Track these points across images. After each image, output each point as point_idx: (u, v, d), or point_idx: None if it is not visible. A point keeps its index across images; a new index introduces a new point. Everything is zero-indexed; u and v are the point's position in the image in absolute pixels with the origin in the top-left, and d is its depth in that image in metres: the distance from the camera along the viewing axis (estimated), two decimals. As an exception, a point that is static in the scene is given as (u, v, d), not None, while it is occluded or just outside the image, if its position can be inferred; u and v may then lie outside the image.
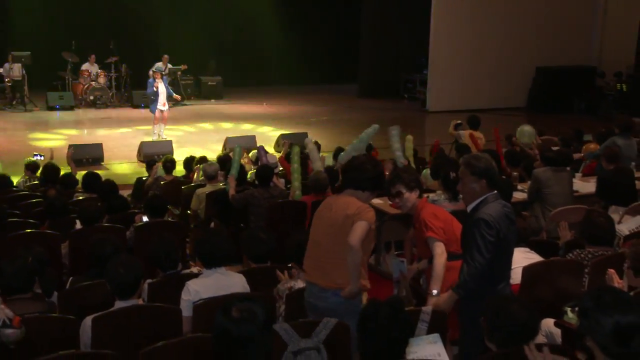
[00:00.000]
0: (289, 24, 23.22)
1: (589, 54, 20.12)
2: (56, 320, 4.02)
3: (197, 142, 14.40)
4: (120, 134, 15.26)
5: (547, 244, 5.75)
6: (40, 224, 6.53)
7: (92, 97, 18.06)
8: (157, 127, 14.39)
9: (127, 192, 9.22)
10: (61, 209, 6.73)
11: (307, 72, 23.53)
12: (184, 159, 10.55)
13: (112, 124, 16.30)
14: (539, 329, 3.33)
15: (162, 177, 9.09)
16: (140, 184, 9.13)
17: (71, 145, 12.44)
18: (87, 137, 14.88)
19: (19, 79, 17.33)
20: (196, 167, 9.56)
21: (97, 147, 12.83)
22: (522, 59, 19.15)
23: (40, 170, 9.13)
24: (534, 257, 4.95)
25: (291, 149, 8.57)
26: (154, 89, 14.19)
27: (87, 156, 12.42)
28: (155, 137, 14.24)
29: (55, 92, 18.20)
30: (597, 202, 7.15)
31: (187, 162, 10.32)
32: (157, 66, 17.33)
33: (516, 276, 4.61)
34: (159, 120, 14.37)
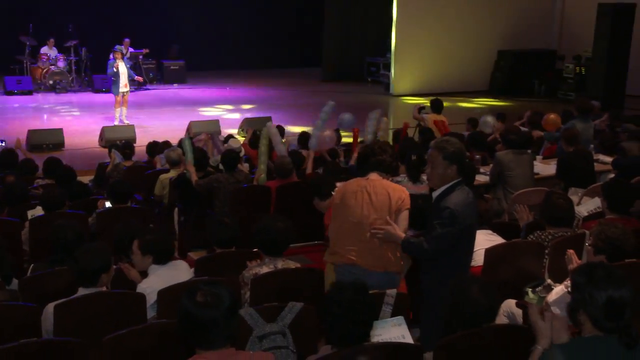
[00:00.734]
0: (252, 7, 23.03)
1: (549, 37, 20.38)
2: (17, 308, 3.96)
3: (160, 126, 14.23)
4: (81, 118, 15.01)
5: (509, 226, 5.83)
6: (-1, 211, 6.42)
7: (51, 82, 17.73)
8: (119, 111, 14.18)
9: (88, 178, 9.11)
10: (20, 195, 6.62)
11: (271, 56, 23.41)
12: (146, 145, 10.43)
13: (73, 109, 16.01)
14: (497, 310, 3.39)
15: (122, 163, 8.98)
16: (102, 170, 9.01)
17: (30, 130, 12.23)
18: (47, 122, 14.62)
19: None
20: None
21: (58, 133, 12.62)
22: (485, 43, 19.30)
23: (-2, 156, 8.95)
24: (496, 239, 5.02)
25: (259, 133, 8.54)
26: (114, 69, 13.93)
27: (47, 142, 12.21)
28: (117, 122, 14.04)
29: (13, 76, 17.82)
30: (557, 184, 7.28)
31: (150, 148, 10.21)
32: (118, 47, 17.04)
33: (479, 258, 4.67)
34: (120, 103, 14.16)
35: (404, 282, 4.56)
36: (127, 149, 9.28)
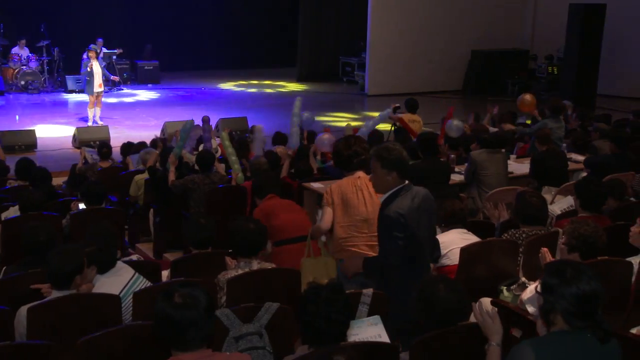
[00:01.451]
0: (227, 6, 22.94)
1: (522, 37, 20.59)
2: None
3: (135, 127, 14.12)
4: (54, 119, 14.85)
5: (484, 224, 5.87)
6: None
7: (23, 82, 17.49)
8: (92, 112, 14.03)
9: (62, 179, 9.02)
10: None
11: (246, 56, 23.34)
12: (120, 145, 10.35)
13: (46, 110, 15.83)
14: (468, 306, 3.41)
15: (97, 164, 8.90)
16: (75, 171, 8.92)
17: (1, 132, 12.06)
18: (19, 123, 14.42)
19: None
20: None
21: (30, 134, 12.46)
22: (458, 43, 19.42)
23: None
24: (470, 238, 5.05)
25: (237, 134, 8.54)
26: (87, 69, 13.76)
27: (19, 143, 12.06)
28: (90, 123, 13.90)
29: (-17, 76, 17.60)
30: (531, 183, 7.36)
31: (124, 148, 10.13)
32: (93, 46, 16.87)
33: (454, 257, 4.70)
34: (94, 104, 14.00)
35: None
36: (104, 148, 9.20)
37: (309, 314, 3.13)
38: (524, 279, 4.00)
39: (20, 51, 17.82)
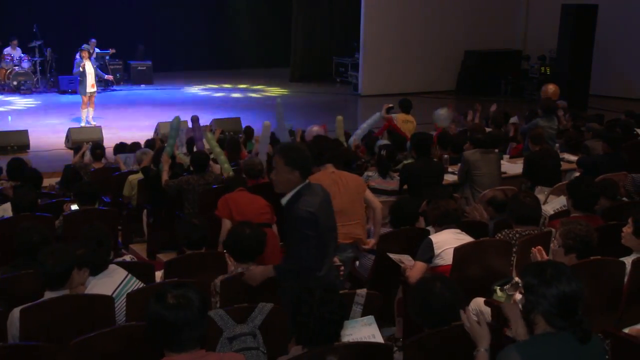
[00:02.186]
0: (219, 6, 22.91)
1: (514, 38, 20.64)
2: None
3: (128, 128, 14.09)
4: (46, 120, 14.80)
5: (477, 224, 5.88)
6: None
7: (15, 83, 17.45)
8: (85, 112, 13.99)
9: (54, 180, 8.98)
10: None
11: (239, 56, 23.32)
12: (114, 146, 10.33)
13: (38, 110, 15.77)
14: (463, 305, 3.42)
15: (90, 164, 8.87)
16: (68, 172, 8.87)
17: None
18: (12, 123, 14.37)
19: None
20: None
21: (23, 134, 12.42)
22: (452, 43, 19.46)
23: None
24: (464, 238, 5.05)
25: (230, 134, 8.57)
26: (80, 69, 13.72)
27: (11, 143, 12.02)
28: (83, 123, 13.86)
29: (-25, 77, 17.54)
30: (524, 183, 7.38)
31: (118, 149, 10.12)
32: (85, 46, 16.81)
33: (447, 257, 4.71)
34: (87, 104, 13.97)
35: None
36: (97, 149, 9.17)
37: (303, 315, 3.13)
38: (517, 279, 4.00)
39: (12, 52, 17.77)
